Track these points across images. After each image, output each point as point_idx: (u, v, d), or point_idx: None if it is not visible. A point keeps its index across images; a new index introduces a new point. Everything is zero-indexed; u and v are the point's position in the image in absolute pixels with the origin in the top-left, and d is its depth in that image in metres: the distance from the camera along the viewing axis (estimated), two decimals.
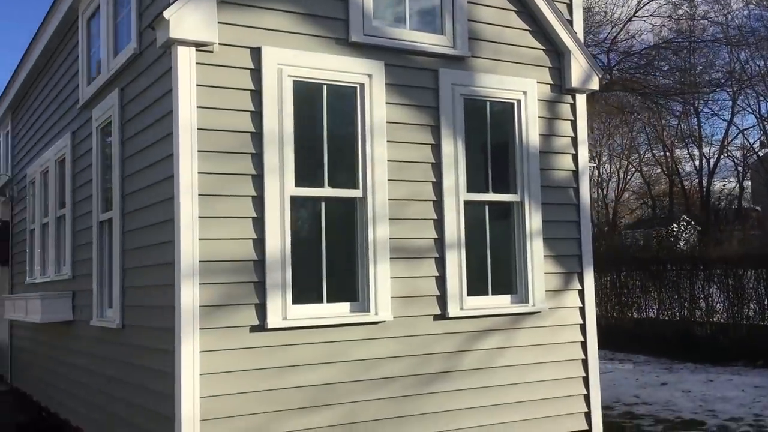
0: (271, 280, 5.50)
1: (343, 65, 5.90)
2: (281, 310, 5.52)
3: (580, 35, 7.10)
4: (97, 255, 7.23)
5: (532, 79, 6.78)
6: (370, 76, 6.00)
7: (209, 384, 5.25)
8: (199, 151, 5.32)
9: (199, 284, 5.26)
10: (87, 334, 7.58)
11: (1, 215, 12.65)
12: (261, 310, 5.47)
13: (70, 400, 8.31)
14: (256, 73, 5.57)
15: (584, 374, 6.88)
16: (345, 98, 5.98)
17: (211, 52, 5.43)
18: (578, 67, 6.94)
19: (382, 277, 5.93)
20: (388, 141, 6.06)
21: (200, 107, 5.35)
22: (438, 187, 6.27)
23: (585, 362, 6.89)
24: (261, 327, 5.46)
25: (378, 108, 6.01)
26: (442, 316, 6.20)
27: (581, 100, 7.08)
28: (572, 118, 7.02)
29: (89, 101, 7.56)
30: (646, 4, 25.01)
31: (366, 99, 5.98)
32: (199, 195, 5.30)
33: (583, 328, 6.91)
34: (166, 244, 5.47)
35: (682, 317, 15.98)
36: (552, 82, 6.94)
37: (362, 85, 5.98)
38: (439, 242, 6.25)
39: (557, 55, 6.96)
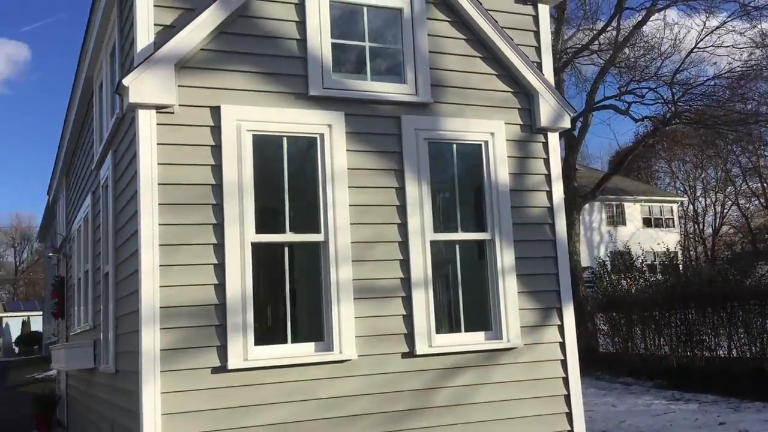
0: (232, 323, 5.82)
1: (302, 118, 6.26)
2: (242, 351, 5.82)
3: (550, 76, 7.26)
4: (103, 305, 7.75)
5: (499, 121, 6.98)
6: (330, 126, 6.33)
7: (171, 423, 5.58)
8: (160, 204, 5.74)
9: (160, 329, 5.63)
10: (99, 380, 8.08)
11: (58, 272, 13.53)
12: (222, 351, 5.79)
13: None
14: (216, 130, 5.98)
15: (567, 410, 6.87)
16: (305, 148, 6.33)
17: (172, 113, 5.88)
18: (547, 107, 7.10)
19: (346, 317, 6.17)
20: (349, 186, 6.35)
21: (161, 164, 5.79)
22: (403, 228, 6.50)
23: (567, 398, 6.89)
24: (223, 368, 5.77)
25: (338, 156, 6.33)
26: (411, 353, 6.37)
27: (553, 138, 7.22)
28: (545, 156, 7.16)
29: (98, 163, 8.18)
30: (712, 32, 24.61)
31: (326, 148, 6.31)
32: (160, 245, 5.71)
33: (564, 363, 6.94)
34: (135, 293, 5.88)
35: (753, 355, 15.42)
36: (522, 122, 7.12)
37: (322, 135, 6.31)
38: (406, 282, 6.45)
39: (526, 97, 7.14)
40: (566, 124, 7.16)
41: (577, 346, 7.02)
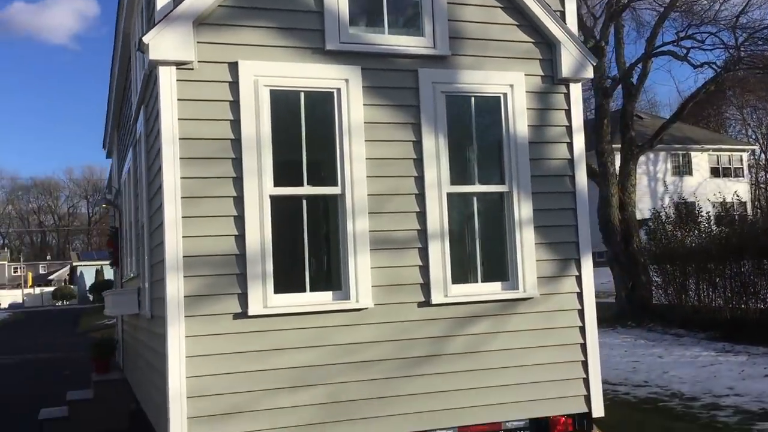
0: (252, 272, 6.08)
1: (319, 73, 6.40)
2: (262, 298, 6.10)
3: (573, 25, 7.21)
4: (141, 254, 8.13)
5: (518, 72, 6.99)
6: (346, 80, 6.46)
7: (194, 365, 5.91)
8: (181, 158, 5.99)
9: (184, 277, 5.93)
10: (141, 325, 8.52)
11: (114, 222, 14.12)
12: (243, 299, 6.07)
13: (137, 388, 9.31)
14: (234, 85, 6.18)
15: (583, 358, 6.99)
16: (322, 103, 6.48)
17: (191, 69, 6.09)
18: (569, 57, 7.07)
19: (362, 267, 6.38)
20: (366, 140, 6.49)
21: (181, 119, 6.02)
22: (420, 181, 6.63)
23: (584, 347, 7.00)
24: (243, 314, 6.06)
25: (355, 110, 6.46)
26: (426, 303, 6.56)
27: (575, 89, 7.19)
28: (566, 108, 7.15)
29: (134, 118, 8.50)
30: None
31: (343, 102, 6.45)
32: (182, 198, 5.97)
33: (581, 313, 7.03)
34: (162, 243, 6.19)
35: None
36: (543, 74, 7.11)
37: (339, 90, 6.45)
38: (422, 233, 6.60)
39: (548, 47, 7.12)
40: (589, 74, 7.12)
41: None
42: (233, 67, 6.19)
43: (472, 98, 6.91)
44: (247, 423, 5.99)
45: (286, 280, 6.30)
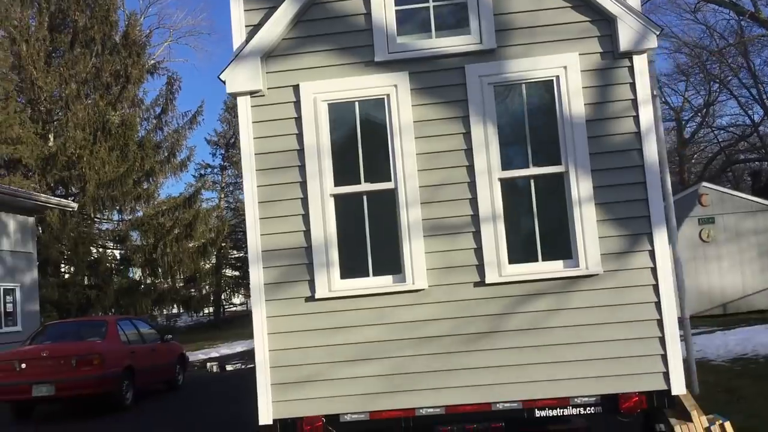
0: (318, 261, 7.12)
1: (369, 82, 7.23)
2: (327, 283, 7.09)
3: None
4: None
5: (572, 53, 7.05)
6: (395, 86, 7.19)
7: (275, 340, 7.11)
8: (257, 170, 7.26)
9: (263, 268, 7.17)
10: None
11: None
12: (312, 284, 7.13)
13: None
14: (297, 104, 7.27)
15: (660, 334, 6.79)
16: (374, 108, 7.28)
17: (263, 95, 7.32)
18: (628, 29, 6.94)
19: (417, 252, 7.04)
20: (416, 137, 7.14)
21: (256, 138, 7.29)
22: (471, 169, 7.07)
23: (660, 322, 6.80)
24: (312, 297, 7.12)
25: (404, 111, 7.16)
26: (482, 282, 6.98)
27: (640, 60, 7.01)
28: (630, 81, 7.01)
29: None
30: None
31: (393, 105, 7.18)
32: (258, 203, 7.23)
33: (656, 288, 6.83)
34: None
35: None
36: (602, 50, 7.07)
37: (388, 95, 7.20)
38: (475, 218, 7.04)
39: (607, 23, 7.06)
40: (651, 44, 6.91)
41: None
42: (296, 89, 7.29)
43: (522, 85, 7.16)
44: (320, 390, 7.02)
45: (352, 267, 7.22)
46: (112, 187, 32.85)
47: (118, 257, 36.00)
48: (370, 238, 7.26)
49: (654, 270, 6.86)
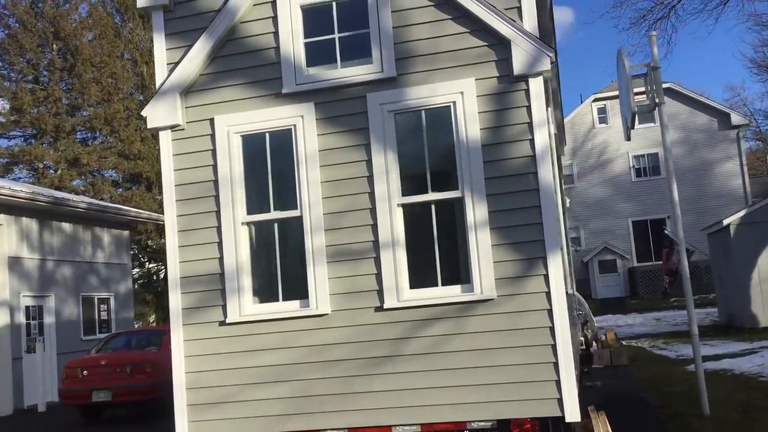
0: (230, 287, 7.44)
1: (278, 114, 7.50)
2: (238, 308, 7.40)
3: (533, 19, 7.03)
4: None
5: (468, 79, 7.11)
6: (302, 116, 7.43)
7: (191, 363, 7.48)
8: (177, 200, 7.65)
9: (181, 293, 7.56)
10: None
11: None
12: (224, 309, 7.46)
13: None
14: (213, 137, 7.63)
15: (554, 360, 6.74)
16: (283, 139, 7.53)
17: (183, 129, 7.71)
18: (521, 53, 6.94)
19: (320, 278, 7.25)
20: (321, 165, 7.36)
21: (176, 170, 7.68)
22: (372, 196, 7.23)
23: (554, 348, 6.75)
24: (224, 322, 7.44)
25: (310, 140, 7.39)
26: (381, 307, 7.12)
27: (535, 83, 6.99)
28: (526, 104, 7.00)
29: None
30: None
31: (299, 135, 7.43)
32: (178, 231, 7.62)
33: (550, 313, 6.79)
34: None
35: None
36: (499, 74, 7.09)
37: (295, 126, 7.45)
38: (376, 244, 7.19)
39: (504, 46, 7.08)
40: (544, 66, 6.88)
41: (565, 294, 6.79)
42: (212, 122, 7.65)
43: (422, 112, 7.26)
44: (233, 411, 7.34)
45: (263, 292, 7.52)
46: None
47: None
48: (280, 264, 7.53)
49: (548, 294, 6.82)
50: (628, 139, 12.50)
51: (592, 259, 40.93)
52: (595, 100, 46.45)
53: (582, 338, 19.23)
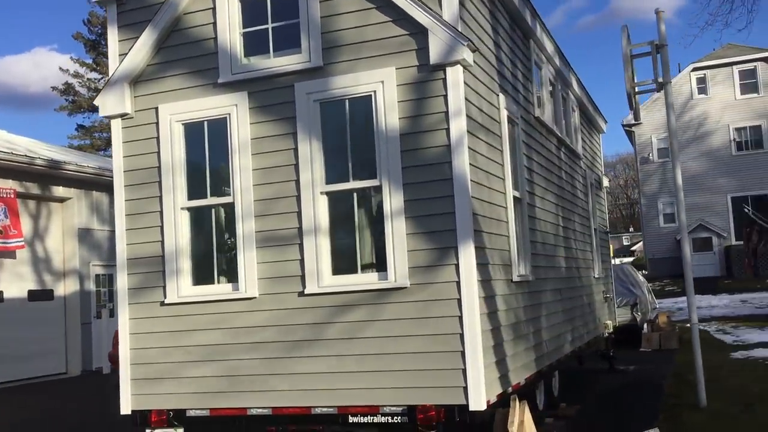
0: (169, 269, 7.79)
1: (214, 103, 7.74)
2: (176, 289, 7.75)
3: (452, 8, 6.98)
4: None
5: (389, 68, 7.14)
6: (236, 105, 7.65)
7: (135, 340, 7.90)
8: (125, 185, 8.04)
9: (128, 274, 7.97)
10: None
11: None
12: (164, 290, 7.82)
13: None
14: (157, 125, 7.95)
15: (461, 348, 6.77)
16: (219, 127, 7.77)
17: (132, 117, 8.07)
18: (438, 41, 6.92)
19: (249, 262, 7.51)
20: (253, 153, 7.58)
21: (125, 156, 8.07)
22: (298, 183, 7.40)
23: (462, 337, 6.78)
24: (164, 302, 7.81)
25: (243, 129, 7.61)
26: (302, 293, 7.31)
27: (453, 72, 6.95)
28: (443, 93, 6.98)
29: None
30: None
31: (233, 124, 7.65)
32: (125, 215, 8.02)
33: (459, 303, 6.81)
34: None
35: None
36: (419, 63, 7.09)
37: (229, 115, 7.67)
38: (301, 230, 7.37)
39: (424, 35, 7.07)
40: (461, 55, 6.83)
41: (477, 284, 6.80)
42: (156, 110, 7.97)
43: (346, 101, 7.34)
44: (171, 387, 7.73)
45: (200, 275, 7.84)
46: None
47: None
48: (216, 248, 7.83)
49: (458, 284, 6.85)
50: (637, 119, 12.17)
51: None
52: (695, 69, 44.47)
53: (626, 320, 18.82)
